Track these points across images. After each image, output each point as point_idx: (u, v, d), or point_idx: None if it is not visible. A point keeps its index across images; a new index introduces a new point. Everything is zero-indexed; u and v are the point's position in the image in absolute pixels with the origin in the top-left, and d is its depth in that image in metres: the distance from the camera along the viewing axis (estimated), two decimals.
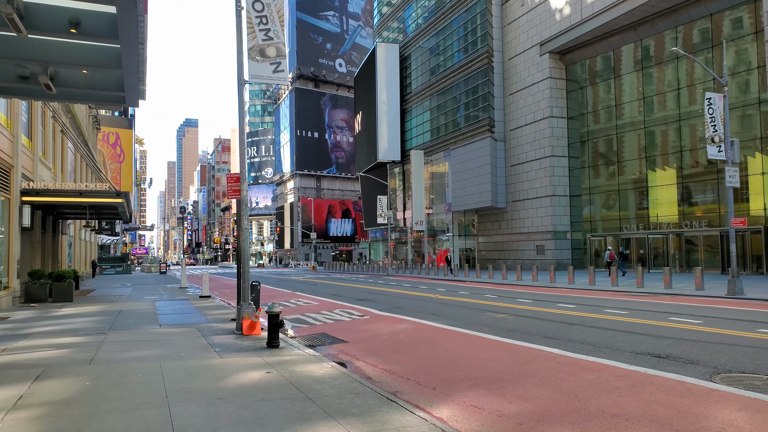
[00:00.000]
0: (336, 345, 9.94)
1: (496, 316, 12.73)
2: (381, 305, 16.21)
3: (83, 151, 33.62)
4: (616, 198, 36.46)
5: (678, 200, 32.34)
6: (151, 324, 12.35)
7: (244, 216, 11.19)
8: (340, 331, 11.55)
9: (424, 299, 17.95)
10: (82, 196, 19.49)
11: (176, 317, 13.82)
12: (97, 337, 10.26)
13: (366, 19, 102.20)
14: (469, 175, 43.63)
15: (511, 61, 42.43)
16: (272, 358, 8.13)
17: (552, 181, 38.26)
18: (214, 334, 10.77)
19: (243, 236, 11.12)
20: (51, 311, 15.45)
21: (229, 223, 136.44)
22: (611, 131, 36.45)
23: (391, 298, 18.80)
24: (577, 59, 38.26)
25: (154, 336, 10.45)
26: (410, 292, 21.22)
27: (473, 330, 10.71)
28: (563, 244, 38.41)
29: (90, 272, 42.64)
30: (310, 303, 17.86)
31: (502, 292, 20.33)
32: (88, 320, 13.13)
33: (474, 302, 16.46)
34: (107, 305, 17.46)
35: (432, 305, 15.86)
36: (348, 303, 17.19)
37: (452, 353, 8.51)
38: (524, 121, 40.79)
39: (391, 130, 56.14)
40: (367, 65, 61.21)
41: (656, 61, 33.28)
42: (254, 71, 11.26)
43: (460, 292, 20.21)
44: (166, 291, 24.49)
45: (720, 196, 29.54)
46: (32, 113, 21.71)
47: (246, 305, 10.99)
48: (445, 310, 14.31)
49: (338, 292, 22.40)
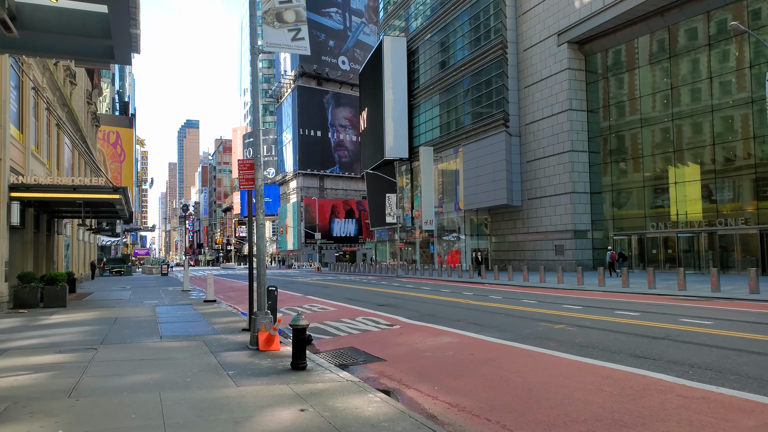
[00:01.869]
0: (373, 364, 8.22)
1: (552, 326, 10.99)
2: (408, 312, 14.48)
3: (81, 148, 31.93)
4: (640, 195, 34.68)
5: (709, 197, 30.57)
6: (150, 335, 10.64)
7: (260, 209, 9.48)
8: (372, 344, 9.83)
9: (453, 305, 16.22)
10: (76, 191, 17.78)
11: (179, 326, 12.11)
12: (86, 354, 8.54)
13: (369, 15, 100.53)
14: (482, 172, 41.87)
15: (526, 53, 40.68)
16: (302, 387, 6.41)
17: (571, 178, 36.48)
18: (225, 349, 9.05)
19: (259, 233, 9.40)
20: (40, 319, 13.74)
21: (230, 224, 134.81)
22: (635, 124, 34.68)
23: (414, 303, 17.07)
24: (597, 49, 36.50)
25: (154, 352, 8.74)
26: (433, 296, 19.49)
27: (536, 345, 8.98)
28: (583, 243, 36.64)
29: (89, 274, 40.98)
30: (326, 309, 16.14)
31: (536, 296, 18.60)
32: (78, 330, 11.42)
33: (514, 309, 14.73)
34: (103, 311, 15.77)
35: (467, 312, 14.13)
36: (369, 309, 15.47)
37: (528, 379, 6.78)
38: (541, 114, 39.02)
39: (398, 127, 54.38)
40: (372, 60, 59.49)
41: (685, 50, 31.51)
42: (270, 38, 9.56)
43: (491, 297, 18.47)
44: (167, 294, 22.79)
45: (759, 192, 27.78)
46: (23, 103, 20.04)
47: (263, 315, 9.28)
48: (486, 319, 12.58)
49: (354, 295, 20.68)
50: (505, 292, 20.58)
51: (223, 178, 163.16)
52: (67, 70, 31.08)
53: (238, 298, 22.15)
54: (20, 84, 19.75)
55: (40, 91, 21.86)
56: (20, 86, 19.77)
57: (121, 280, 39.97)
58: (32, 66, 20.47)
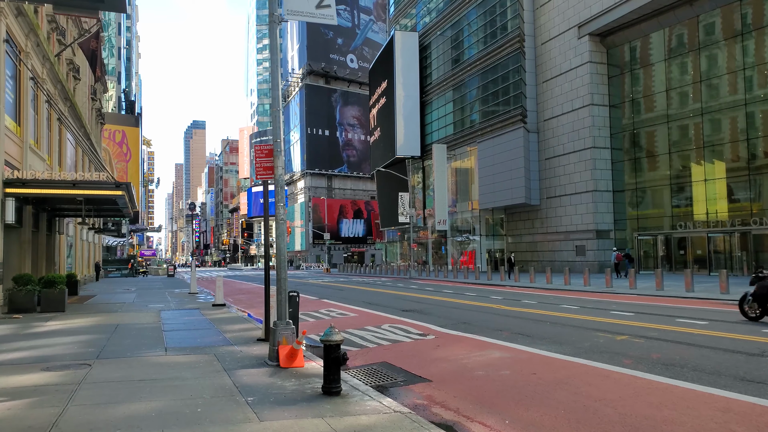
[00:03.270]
0: (416, 386, 6.87)
1: (614, 338, 9.60)
2: (438, 319, 13.13)
3: (85, 146, 30.73)
4: (666, 193, 33.14)
5: (741, 195, 29.02)
6: (153, 347, 9.34)
7: (280, 203, 8.15)
8: (408, 359, 8.49)
9: (486, 311, 14.84)
10: (76, 187, 16.56)
11: (186, 335, 10.81)
12: (77, 372, 7.25)
13: (378, 13, 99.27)
14: (498, 170, 40.42)
15: (544, 46, 39.22)
16: (342, 422, 5.07)
17: (593, 175, 35.00)
18: (240, 365, 7.74)
19: (279, 230, 8.08)
20: (34, 325, 12.49)
21: (237, 225, 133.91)
22: (660, 120, 33.15)
23: (442, 308, 15.70)
24: (620, 41, 35.00)
25: (157, 369, 7.43)
26: (460, 300, 18.11)
27: (608, 363, 7.60)
28: (606, 244, 35.12)
29: (94, 275, 39.88)
30: (346, 314, 14.80)
31: (572, 300, 17.19)
32: (74, 341, 10.15)
33: (556, 315, 13.34)
34: (104, 316, 14.51)
35: (506, 320, 12.75)
36: (394, 315, 14.12)
37: (622, 411, 5.41)
38: (560, 110, 37.56)
39: (410, 124, 52.99)
40: (383, 56, 58.16)
41: (715, 40, 29.97)
42: (291, 5, 8.22)
43: (524, 301, 17.06)
44: (173, 297, 21.55)
45: None
46: (21, 93, 18.85)
47: (284, 325, 7.95)
48: (532, 328, 11.20)
49: (372, 299, 19.34)
50: (537, 296, 19.16)
51: (230, 179, 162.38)
52: (70, 63, 29.94)
53: (249, 301, 20.88)
54: (17, 73, 18.58)
55: (39, 82, 20.68)
56: (17, 76, 18.59)
57: (126, 281, 38.85)
58: (30, 55, 19.29)
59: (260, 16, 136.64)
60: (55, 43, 26.05)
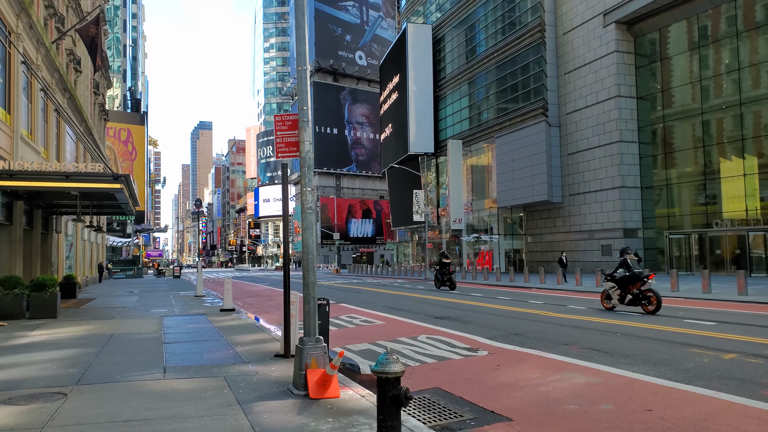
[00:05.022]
0: (494, 428, 5.12)
1: (720, 356, 7.81)
2: (481, 329, 11.37)
3: (87, 142, 29.13)
4: (699, 190, 31.18)
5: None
6: (150, 366, 7.64)
7: (306, 188, 6.42)
8: (466, 384, 6.74)
9: (532, 318, 13.06)
10: (69, 180, 14.90)
11: (191, 349, 9.10)
12: (44, 407, 5.54)
13: (387, 9, 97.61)
14: (518, 166, 38.57)
15: (566, 36, 37.36)
16: None
17: (620, 171, 33.09)
18: (258, 395, 6.01)
19: (306, 222, 6.36)
20: (16, 336, 10.85)
21: (244, 225, 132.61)
22: (694, 112, 31.21)
23: (479, 315, 13.94)
24: (649, 29, 33.09)
25: (151, 402, 5.71)
26: (495, 306, 16.34)
27: (743, 396, 5.81)
28: (634, 243, 33.20)
29: (97, 277, 38.40)
30: (371, 321, 13.07)
31: None
32: (55, 357, 8.47)
33: (624, 325, 11.56)
34: (99, 324, 12.86)
35: (564, 330, 10.97)
36: (426, 323, 12.37)
37: None
38: (584, 102, 35.67)
39: (423, 120, 51.21)
40: (394, 50, 56.46)
41: (753, 25, 28.02)
42: None
43: (570, 306, 15.25)
44: (178, 301, 19.90)
45: None
46: (11, 79, 17.26)
47: (313, 343, 6.22)
48: (603, 341, 9.41)
49: (395, 303, 17.59)
50: (578, 300, 17.35)
51: (237, 179, 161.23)
52: (71, 54, 28.43)
53: (259, 305, 19.20)
54: (6, 56, 16.98)
55: (33, 68, 19.09)
56: (7, 59, 17.00)
57: (130, 283, 37.32)
58: (22, 37, 17.69)
59: (267, 15, 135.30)
60: (53, 31, 24.50)
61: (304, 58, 6.44)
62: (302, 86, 6.47)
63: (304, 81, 6.46)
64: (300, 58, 6.44)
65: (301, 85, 6.46)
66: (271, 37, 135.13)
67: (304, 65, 6.44)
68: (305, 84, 6.47)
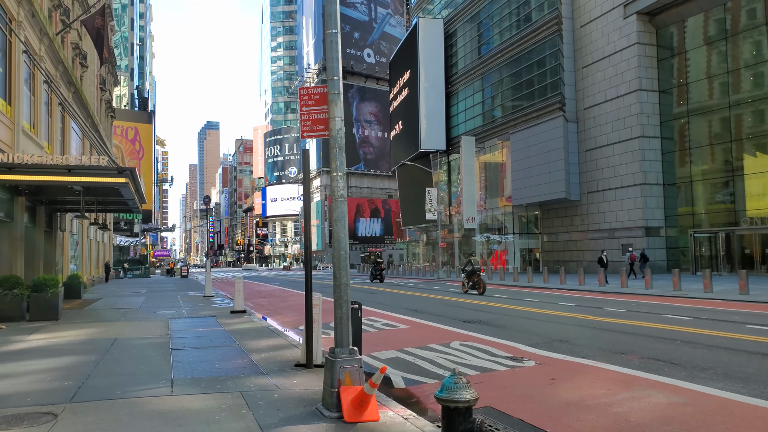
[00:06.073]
0: None
1: None
2: (518, 334, 10.38)
3: (93, 138, 28.32)
4: (727, 186, 29.96)
5: None
6: (155, 378, 6.72)
7: (338, 171, 5.47)
8: (521, 402, 5.77)
9: (571, 322, 12.05)
10: (72, 173, 14.05)
11: (201, 357, 8.16)
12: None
13: (395, 6, 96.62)
14: (534, 163, 37.44)
15: (584, 29, 36.20)
16: None
17: (642, 167, 31.91)
18: (282, 419, 5.06)
19: (339, 212, 5.41)
20: (11, 341, 9.98)
21: (251, 225, 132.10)
22: (720, 105, 29.99)
23: (511, 318, 12.93)
24: (671, 20, 31.89)
25: (156, 426, 4.78)
26: (525, 308, 15.32)
27: None
28: (656, 242, 32.04)
29: (103, 276, 37.70)
30: (394, 326, 12.11)
31: (664, 308, 14.33)
32: (50, 366, 7.57)
33: (679, 330, 10.53)
34: (102, 327, 11.99)
35: (614, 337, 9.96)
36: (456, 328, 11.39)
37: None
38: (603, 97, 34.51)
39: (434, 117, 50.13)
40: (405, 46, 55.45)
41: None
42: None
43: (607, 309, 14.19)
44: (186, 302, 19.03)
45: None
46: (12, 69, 16.45)
47: (346, 356, 5.27)
48: (667, 350, 8.39)
49: (416, 305, 16.62)
50: (611, 301, 16.29)
51: (244, 179, 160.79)
52: (76, 48, 27.68)
53: (271, 306, 18.29)
54: (7, 45, 16.16)
55: (36, 59, 18.29)
56: (7, 48, 16.18)
57: (137, 283, 36.56)
58: (23, 25, 16.87)
59: (274, 13, 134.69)
60: (58, 23, 23.74)
61: (334, 19, 5.49)
62: (332, 53, 5.50)
63: (335, 47, 5.50)
64: (330, 19, 5.48)
65: (332, 52, 5.50)
66: (279, 36, 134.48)
67: (333, 28, 5.49)
68: (335, 51, 5.51)
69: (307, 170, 7.42)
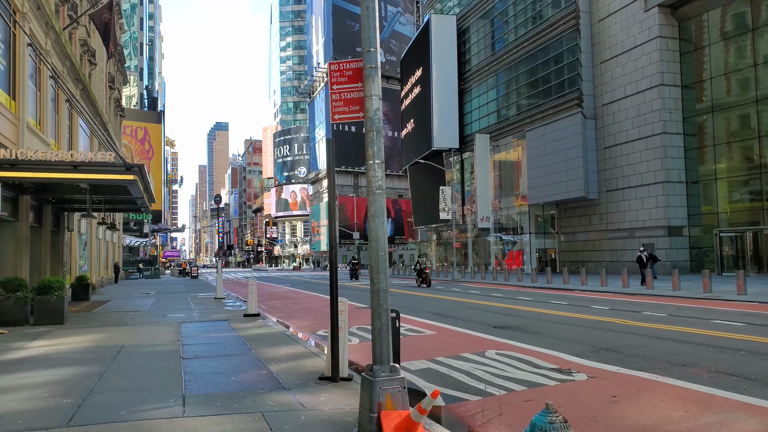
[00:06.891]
0: None
1: None
2: (557, 342, 9.55)
3: (102, 137, 27.74)
4: (754, 183, 28.85)
5: None
6: (164, 395, 5.97)
7: (375, 159, 4.69)
8: (585, 425, 5.00)
9: (617, 329, 11.19)
10: (77, 170, 13.39)
11: (215, 369, 7.41)
12: None
13: (405, 5, 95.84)
14: (551, 161, 36.49)
15: (602, 23, 35.20)
16: None
17: (664, 164, 30.89)
18: None
19: (377, 206, 4.65)
20: (12, 348, 9.31)
21: (261, 225, 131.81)
22: (744, 101, 28.89)
23: (544, 323, 12.10)
24: (694, 13, 30.83)
25: None
26: (556, 312, 14.46)
27: None
28: (678, 241, 31.00)
29: (112, 277, 37.23)
30: (419, 330, 11.32)
31: (706, 312, 13.44)
32: (49, 380, 6.86)
33: (733, 338, 9.69)
34: (109, 332, 11.31)
35: (667, 346, 9.11)
36: (488, 335, 10.57)
37: None
38: (623, 93, 33.50)
39: (447, 114, 49.24)
40: (417, 43, 54.62)
41: None
42: None
43: (645, 313, 13.29)
44: (197, 304, 18.37)
45: None
46: (17, 62, 15.86)
47: (387, 374, 4.49)
48: (733, 363, 7.56)
49: (438, 308, 15.81)
50: (642, 304, 15.39)
51: (253, 179, 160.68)
52: (84, 45, 27.13)
53: (285, 309, 17.57)
54: (11, 37, 15.56)
55: (42, 54, 17.67)
56: (11, 40, 15.58)
57: (146, 284, 36.06)
58: (28, 17, 16.26)
59: (283, 13, 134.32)
60: (65, 18, 23.20)
61: None
62: (369, 21, 4.73)
63: (372, 14, 4.73)
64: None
65: (368, 20, 4.73)
66: (288, 36, 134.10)
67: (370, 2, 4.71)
68: (373, 18, 4.74)
69: (331, 160, 6.66)
